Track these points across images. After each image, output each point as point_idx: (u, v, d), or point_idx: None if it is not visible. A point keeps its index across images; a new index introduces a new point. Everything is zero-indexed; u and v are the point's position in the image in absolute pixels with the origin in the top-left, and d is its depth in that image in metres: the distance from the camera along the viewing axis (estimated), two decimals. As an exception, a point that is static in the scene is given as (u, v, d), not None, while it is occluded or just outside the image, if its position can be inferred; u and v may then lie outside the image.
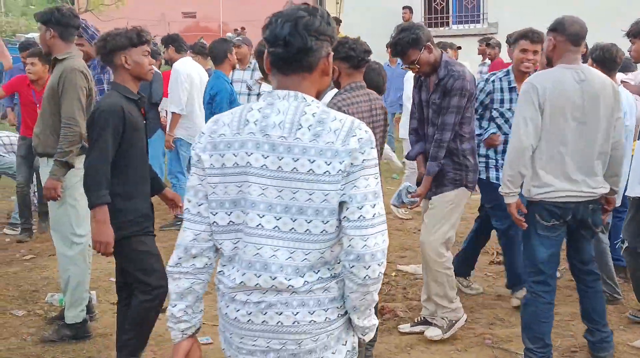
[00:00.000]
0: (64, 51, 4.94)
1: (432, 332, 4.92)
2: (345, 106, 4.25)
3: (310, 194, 2.27)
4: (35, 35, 24.90)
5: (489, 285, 6.16)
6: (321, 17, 2.35)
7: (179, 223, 7.67)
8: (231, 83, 7.09)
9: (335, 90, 4.82)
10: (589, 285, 4.60)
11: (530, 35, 5.31)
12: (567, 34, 4.28)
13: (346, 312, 2.41)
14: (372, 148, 2.32)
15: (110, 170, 4.05)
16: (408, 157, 5.75)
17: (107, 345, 4.97)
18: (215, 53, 7.11)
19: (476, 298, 5.81)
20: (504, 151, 5.21)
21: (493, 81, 5.47)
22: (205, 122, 7.06)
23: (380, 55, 7.28)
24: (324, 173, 2.25)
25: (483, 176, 5.44)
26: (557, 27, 4.32)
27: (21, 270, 6.67)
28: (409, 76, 8.45)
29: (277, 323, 2.32)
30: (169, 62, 9.38)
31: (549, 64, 4.49)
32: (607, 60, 5.29)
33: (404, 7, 14.86)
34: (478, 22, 15.23)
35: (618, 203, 4.86)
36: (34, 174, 7.77)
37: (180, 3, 40.55)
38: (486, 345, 4.91)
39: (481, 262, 6.69)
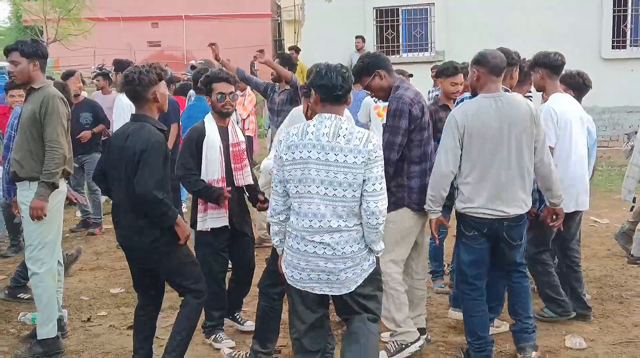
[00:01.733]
0: (40, 81, 4.93)
1: (381, 356, 4.78)
2: None
3: (345, 175, 3.63)
4: (4, 64, 24.42)
5: (442, 296, 6.19)
6: (351, 73, 3.88)
7: None
8: None
9: None
10: (514, 281, 4.72)
11: None
12: (489, 67, 4.47)
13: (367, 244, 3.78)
14: (380, 149, 3.73)
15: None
16: None
17: (79, 361, 4.91)
18: None
19: (429, 307, 5.82)
20: None
21: None
22: None
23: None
24: (353, 163, 3.63)
25: None
26: (480, 60, 4.52)
27: (-6, 291, 6.53)
28: (367, 100, 8.54)
29: (332, 253, 3.69)
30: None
31: (474, 93, 4.70)
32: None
33: (356, 37, 14.98)
34: (426, 50, 15.43)
35: None
36: None
37: (145, 33, 40.46)
38: (440, 352, 4.94)
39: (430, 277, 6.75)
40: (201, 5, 39.87)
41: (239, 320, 5.40)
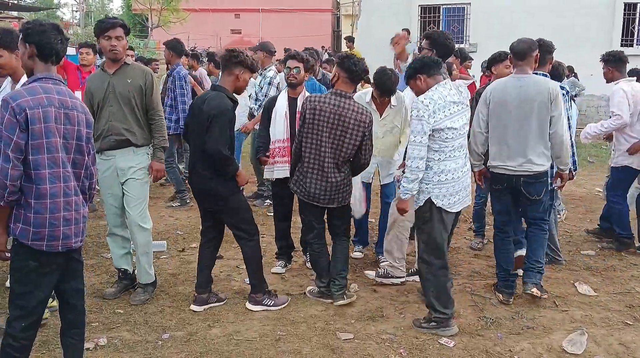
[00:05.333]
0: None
1: (369, 272, 5.10)
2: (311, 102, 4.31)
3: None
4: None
5: (469, 246, 6.08)
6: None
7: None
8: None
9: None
10: (531, 231, 4.69)
11: None
12: (514, 52, 4.50)
13: None
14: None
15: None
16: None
17: (175, 282, 4.98)
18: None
19: (457, 255, 5.74)
20: None
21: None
22: None
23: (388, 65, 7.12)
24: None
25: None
26: (510, 47, 4.56)
27: (109, 223, 6.64)
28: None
29: (467, 170, 4.18)
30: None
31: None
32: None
33: (403, 29, 14.59)
34: (462, 42, 15.00)
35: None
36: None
37: (229, 22, 40.54)
38: (466, 292, 4.86)
39: (462, 228, 6.63)
40: (275, 0, 39.70)
41: None
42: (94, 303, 4.46)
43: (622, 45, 13.96)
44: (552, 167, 4.64)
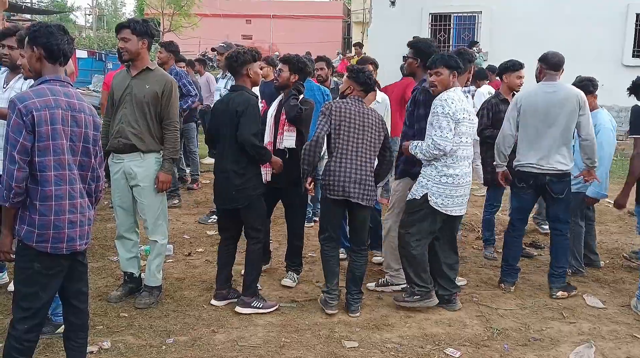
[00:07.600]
0: (148, 60, 4.48)
1: (369, 284, 5.03)
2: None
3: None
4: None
5: (477, 255, 6.02)
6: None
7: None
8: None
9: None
10: (553, 235, 4.98)
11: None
12: (550, 64, 4.85)
13: None
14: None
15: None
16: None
17: (180, 286, 4.96)
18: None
19: (465, 265, 5.68)
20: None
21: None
22: None
23: (397, 73, 7.10)
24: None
25: None
26: (542, 58, 4.91)
27: (116, 226, 6.65)
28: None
29: (470, 179, 4.40)
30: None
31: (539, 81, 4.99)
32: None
33: (414, 37, 14.56)
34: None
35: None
36: None
37: (240, 28, 40.68)
38: (473, 302, 4.81)
39: (469, 238, 6.59)
40: (286, 7, 39.96)
41: None
42: (99, 306, 4.44)
43: (633, 56, 13.86)
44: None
